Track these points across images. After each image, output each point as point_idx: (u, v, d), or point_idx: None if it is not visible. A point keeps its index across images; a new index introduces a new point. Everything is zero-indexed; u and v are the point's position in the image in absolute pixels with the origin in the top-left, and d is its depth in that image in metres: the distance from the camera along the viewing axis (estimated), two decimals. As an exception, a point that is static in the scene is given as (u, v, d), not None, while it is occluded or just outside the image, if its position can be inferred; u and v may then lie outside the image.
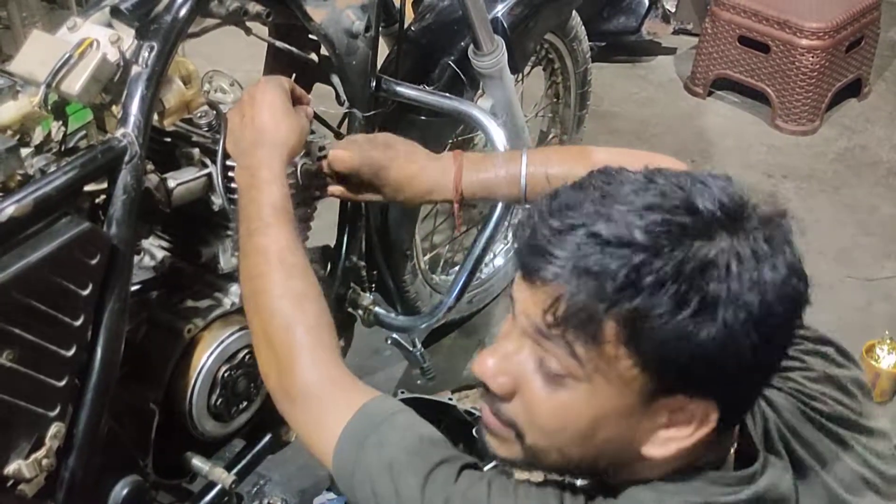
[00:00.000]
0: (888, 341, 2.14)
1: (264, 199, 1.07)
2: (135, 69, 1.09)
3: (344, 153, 1.23)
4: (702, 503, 0.78)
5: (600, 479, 0.84)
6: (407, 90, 1.49)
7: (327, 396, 0.95)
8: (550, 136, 2.44)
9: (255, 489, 1.89)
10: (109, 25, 1.13)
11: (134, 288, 1.25)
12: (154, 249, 1.33)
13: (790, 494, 0.83)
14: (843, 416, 0.90)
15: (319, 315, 1.01)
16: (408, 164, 1.23)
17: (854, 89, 3.36)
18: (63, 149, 1.15)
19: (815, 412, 0.89)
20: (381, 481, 0.86)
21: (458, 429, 1.97)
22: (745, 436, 0.85)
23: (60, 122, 1.15)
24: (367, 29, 1.41)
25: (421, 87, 1.54)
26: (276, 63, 1.48)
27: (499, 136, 1.42)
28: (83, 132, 1.26)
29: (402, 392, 2.02)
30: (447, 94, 1.50)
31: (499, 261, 2.33)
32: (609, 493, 0.81)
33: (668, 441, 0.77)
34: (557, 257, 0.73)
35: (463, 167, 1.22)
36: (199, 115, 1.29)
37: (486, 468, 0.88)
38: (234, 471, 1.43)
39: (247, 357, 1.30)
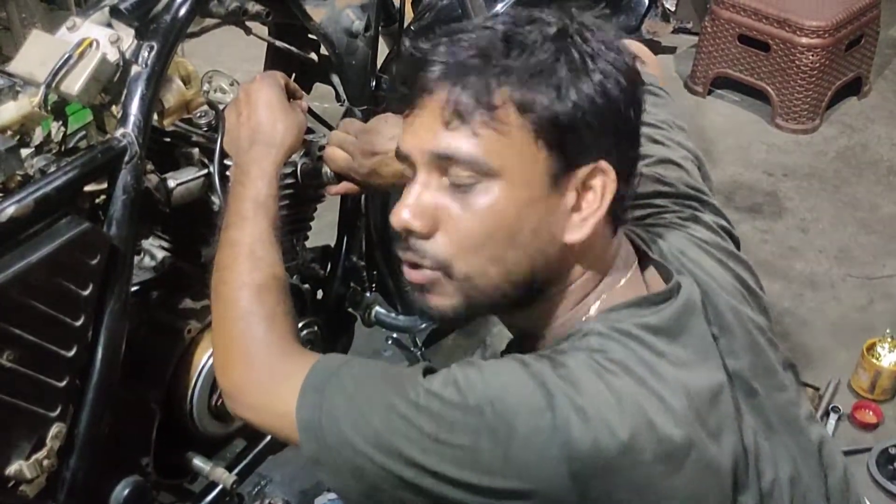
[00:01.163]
0: (889, 339, 2.14)
1: (247, 193, 1.07)
2: (134, 69, 1.09)
3: (338, 153, 1.23)
4: (639, 324, 0.83)
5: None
6: (406, 89, 1.49)
7: (278, 370, 0.94)
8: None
9: (257, 490, 1.89)
10: (109, 25, 1.13)
11: (134, 288, 1.25)
12: (154, 249, 1.32)
13: (699, 303, 0.90)
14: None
15: (277, 305, 1.00)
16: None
17: (854, 87, 3.36)
18: (63, 149, 1.15)
19: (693, 235, 0.99)
20: (350, 417, 0.84)
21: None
22: (654, 264, 0.93)
23: (60, 123, 1.15)
24: (366, 28, 1.42)
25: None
26: (276, 63, 1.48)
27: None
28: (83, 132, 1.26)
29: (403, 392, 2.02)
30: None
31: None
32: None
33: (583, 221, 0.83)
34: (434, 62, 0.81)
35: None
36: (198, 114, 1.29)
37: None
38: (236, 471, 1.43)
39: (247, 357, 1.30)
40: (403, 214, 0.84)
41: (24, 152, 1.08)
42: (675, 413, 0.80)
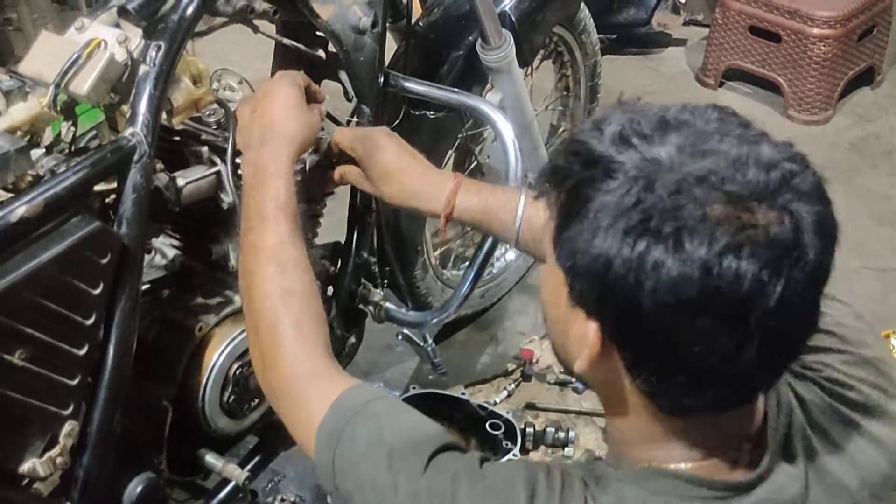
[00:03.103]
0: (903, 332, 2.13)
1: (268, 194, 1.05)
2: (143, 68, 1.09)
3: (342, 129, 1.26)
4: None
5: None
6: (415, 85, 1.49)
7: (304, 391, 0.95)
8: (561, 130, 2.43)
9: (270, 486, 1.90)
10: (117, 26, 1.13)
11: (145, 287, 1.26)
12: (165, 248, 1.33)
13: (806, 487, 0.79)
14: (877, 404, 0.85)
15: (305, 311, 1.00)
16: (404, 155, 1.20)
17: (867, 77, 3.33)
18: (73, 149, 1.16)
19: (848, 405, 0.84)
20: (356, 475, 0.85)
21: (471, 423, 1.97)
22: (760, 435, 0.80)
23: (70, 123, 1.15)
24: (373, 25, 1.41)
25: (429, 82, 1.54)
26: (284, 60, 1.48)
27: (507, 131, 1.41)
28: (94, 132, 1.27)
29: (415, 387, 2.03)
30: (455, 89, 1.50)
31: (510, 255, 2.33)
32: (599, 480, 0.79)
33: (581, 357, 0.75)
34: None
35: (461, 186, 1.18)
36: (207, 113, 1.29)
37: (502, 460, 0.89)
38: (248, 467, 1.44)
39: (258, 354, 1.31)
40: None
41: (35, 152, 1.09)
42: None
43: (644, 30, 3.58)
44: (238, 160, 1.20)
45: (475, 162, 2.06)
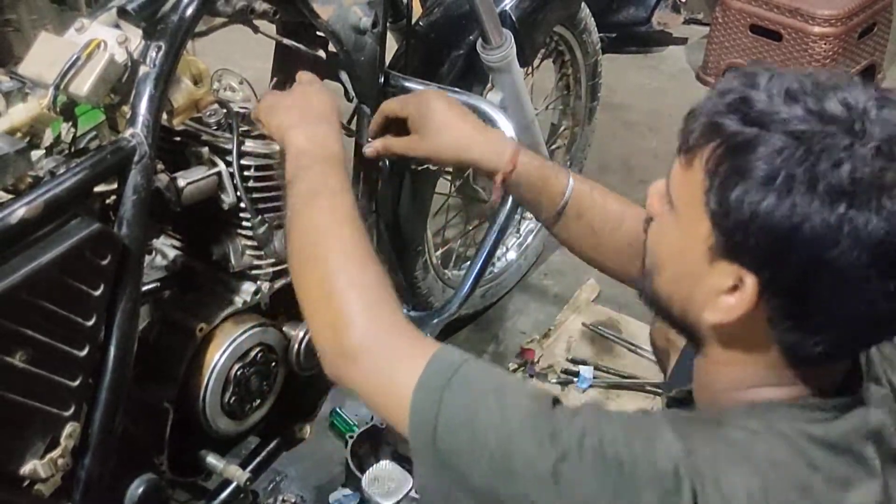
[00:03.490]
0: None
1: (338, 170, 1.07)
2: (143, 69, 1.09)
3: (388, 100, 1.28)
4: (798, 429, 0.80)
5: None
6: (415, 85, 1.49)
7: (393, 347, 0.91)
8: (562, 129, 2.43)
9: (272, 486, 1.90)
10: (117, 26, 1.13)
11: (146, 287, 1.26)
12: (166, 249, 1.33)
13: (888, 426, 0.84)
14: None
15: (382, 276, 0.98)
16: (457, 107, 1.23)
17: (868, 76, 3.33)
18: (73, 150, 1.15)
19: None
20: (467, 430, 0.82)
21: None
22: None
23: (70, 124, 1.15)
24: (374, 25, 1.41)
25: (429, 82, 1.53)
26: (285, 61, 1.48)
27: (507, 130, 1.41)
28: (94, 133, 1.27)
29: (416, 387, 2.02)
30: (456, 89, 1.49)
31: (511, 255, 2.33)
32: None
33: (717, 309, 0.80)
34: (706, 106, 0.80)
35: (521, 149, 1.21)
36: (208, 113, 1.29)
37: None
38: (249, 468, 1.44)
39: (259, 355, 1.30)
40: (654, 188, 0.91)
41: (35, 154, 1.08)
42: None
43: (644, 28, 3.58)
44: (244, 162, 1.22)
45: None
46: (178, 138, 1.26)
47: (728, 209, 0.76)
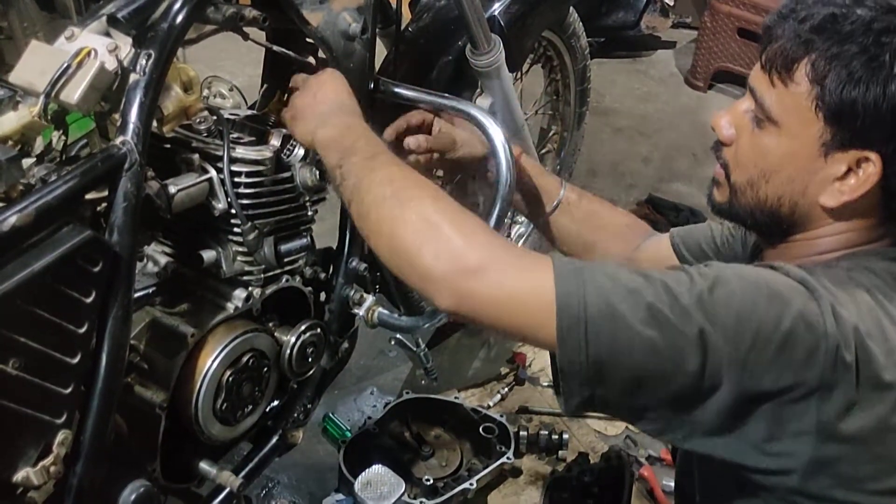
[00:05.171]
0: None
1: (377, 139, 1.15)
2: (133, 77, 1.09)
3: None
4: (885, 267, 0.96)
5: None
6: (405, 91, 1.50)
7: (515, 255, 0.96)
8: (551, 133, 2.44)
9: (265, 492, 1.90)
10: (107, 34, 1.13)
11: (138, 294, 1.26)
12: (158, 255, 1.33)
13: None
14: None
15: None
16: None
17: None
18: (64, 158, 1.16)
19: None
20: (618, 291, 0.89)
21: (465, 427, 1.98)
22: None
23: (61, 132, 1.15)
24: (363, 31, 1.42)
25: (419, 87, 1.54)
26: (275, 67, 1.48)
27: (497, 135, 1.42)
28: (85, 141, 1.27)
29: (408, 392, 2.03)
30: (445, 94, 1.50)
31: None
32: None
33: (839, 193, 0.97)
34: (789, 19, 0.97)
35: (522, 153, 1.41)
36: (198, 120, 1.29)
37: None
38: (242, 474, 1.45)
39: (251, 361, 1.31)
40: (720, 119, 1.06)
41: (26, 162, 1.08)
42: None
43: (633, 33, 3.61)
44: (235, 168, 1.25)
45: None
46: (168, 145, 1.27)
47: (852, 104, 0.91)
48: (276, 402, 1.48)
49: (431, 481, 1.81)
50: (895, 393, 0.89)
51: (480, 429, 1.95)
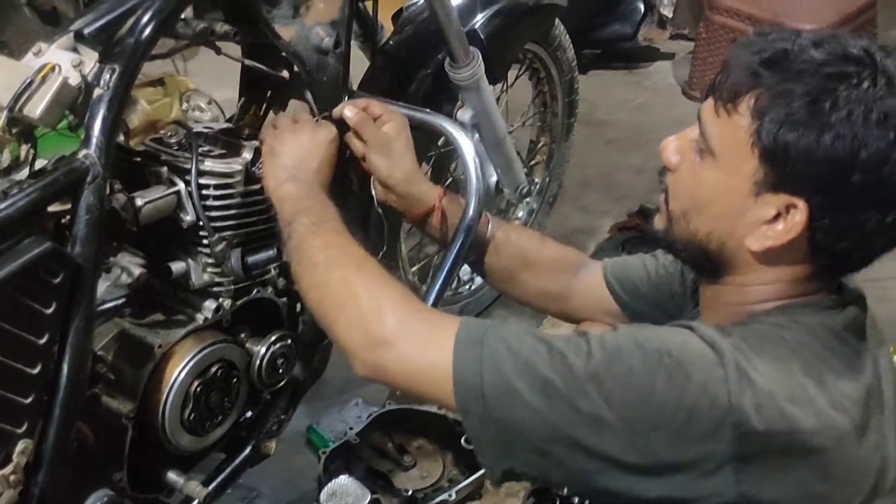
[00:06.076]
0: (880, 344, 2.12)
1: (334, 209, 1.17)
2: (97, 92, 1.11)
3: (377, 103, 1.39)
4: (815, 321, 0.92)
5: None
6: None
7: (424, 325, 0.97)
8: (540, 145, 2.45)
9: (245, 502, 1.90)
10: (75, 50, 1.15)
11: (108, 305, 1.28)
12: (132, 267, 1.34)
13: (864, 325, 0.98)
14: None
15: (395, 279, 1.06)
16: (413, 152, 1.39)
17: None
18: (32, 171, 1.17)
19: None
20: (515, 367, 0.89)
21: (447, 439, 1.98)
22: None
23: (29, 146, 1.17)
24: (336, 45, 1.43)
25: (394, 101, 1.55)
26: (251, 81, 1.50)
27: (468, 148, 1.43)
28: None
29: (390, 403, 2.03)
30: (418, 107, 1.51)
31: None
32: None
33: (763, 236, 0.93)
34: (750, 51, 0.93)
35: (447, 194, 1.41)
36: (169, 134, 1.31)
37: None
38: (214, 484, 1.45)
39: (220, 372, 1.32)
40: (669, 144, 1.04)
41: (-8, 175, 1.10)
42: (834, 400, 0.87)
43: (630, 44, 3.62)
44: (203, 181, 1.27)
45: (450, 178, 2.08)
46: (138, 158, 1.28)
47: (784, 147, 0.88)
48: (248, 413, 1.48)
49: (411, 492, 1.81)
50: (818, 455, 0.86)
51: (462, 440, 1.94)
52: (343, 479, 1.50)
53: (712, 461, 0.84)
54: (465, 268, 2.18)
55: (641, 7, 3.53)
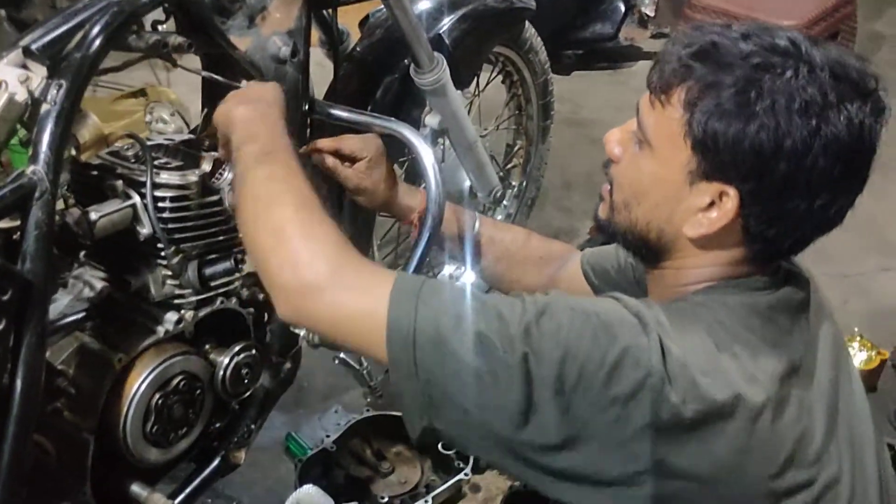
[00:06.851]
0: (858, 338, 2.12)
1: (285, 136, 1.13)
2: (44, 107, 1.11)
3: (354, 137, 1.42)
4: (733, 304, 0.95)
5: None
6: (340, 112, 1.51)
7: (359, 274, 0.97)
8: (516, 148, 2.45)
9: (225, 512, 1.90)
10: (24, 66, 1.15)
11: (69, 319, 1.28)
12: (93, 280, 1.35)
13: (798, 305, 1.00)
14: None
15: (334, 223, 1.04)
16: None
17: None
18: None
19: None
20: (448, 318, 0.89)
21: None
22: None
23: (-18, 161, 1.17)
24: (293, 54, 1.43)
25: (354, 108, 1.55)
26: (212, 91, 1.50)
27: (426, 154, 1.43)
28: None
29: (368, 409, 2.03)
30: (380, 115, 1.51)
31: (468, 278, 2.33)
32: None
33: (698, 224, 0.96)
34: (682, 46, 0.95)
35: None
36: (125, 147, 1.31)
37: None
38: (183, 494, 1.45)
39: (182, 383, 1.32)
40: (611, 136, 1.06)
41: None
42: (748, 374, 0.90)
43: (612, 44, 3.60)
44: (159, 193, 1.25)
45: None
46: (94, 172, 1.28)
47: (714, 136, 0.91)
48: (217, 423, 1.48)
49: (387, 498, 1.81)
50: (731, 427, 0.87)
51: (440, 445, 1.94)
52: (307, 489, 1.50)
53: (629, 426, 0.86)
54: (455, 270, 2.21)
55: (622, 7, 3.52)
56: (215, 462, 1.50)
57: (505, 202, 2.39)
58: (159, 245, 1.28)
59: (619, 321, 0.90)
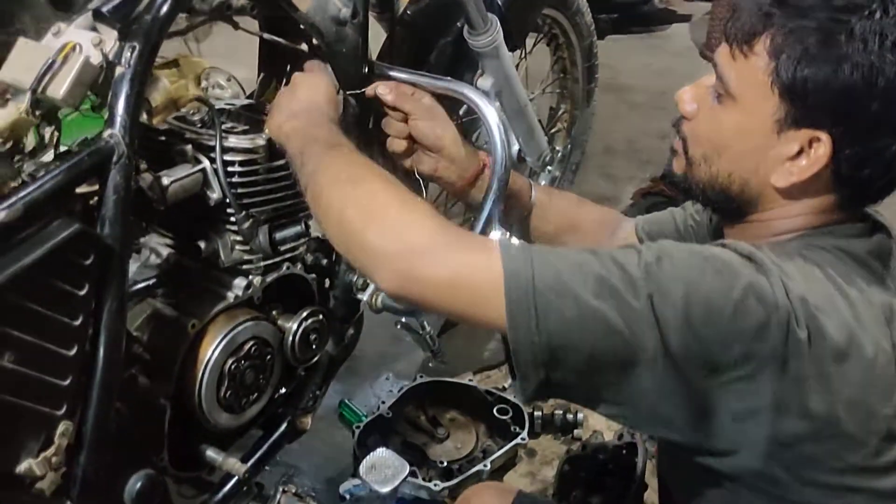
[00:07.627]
0: None
1: (347, 140, 1.14)
2: (118, 70, 1.10)
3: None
4: (835, 245, 0.96)
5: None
6: (399, 73, 1.49)
7: (462, 237, 0.96)
8: (561, 112, 2.42)
9: (284, 478, 1.91)
10: (94, 29, 1.14)
11: (139, 286, 1.28)
12: (160, 247, 1.34)
13: (890, 253, 1.00)
14: None
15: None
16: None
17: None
18: (57, 153, 1.17)
19: None
20: (566, 264, 0.89)
21: (480, 409, 1.98)
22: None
23: (53, 127, 1.16)
24: (353, 15, 1.41)
25: (414, 70, 1.53)
26: (270, 55, 1.49)
27: (491, 115, 1.41)
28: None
29: (422, 376, 2.03)
30: (440, 76, 1.49)
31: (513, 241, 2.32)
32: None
33: (789, 173, 0.95)
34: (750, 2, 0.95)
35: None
36: (191, 111, 1.30)
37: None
38: (252, 460, 1.46)
39: (253, 349, 1.32)
40: (684, 94, 1.05)
41: (17, 159, 1.10)
42: (861, 318, 0.90)
43: (646, 7, 3.56)
44: (228, 158, 1.25)
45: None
46: (163, 137, 1.28)
47: (803, 82, 0.90)
48: (284, 389, 1.48)
49: (445, 463, 1.82)
50: (846, 366, 0.88)
51: (495, 410, 1.94)
52: (381, 452, 1.50)
53: (755, 362, 0.86)
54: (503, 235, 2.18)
55: (657, -31, 3.48)
56: (282, 428, 1.50)
57: (549, 167, 2.37)
58: (229, 210, 1.27)
59: (736, 261, 0.90)
